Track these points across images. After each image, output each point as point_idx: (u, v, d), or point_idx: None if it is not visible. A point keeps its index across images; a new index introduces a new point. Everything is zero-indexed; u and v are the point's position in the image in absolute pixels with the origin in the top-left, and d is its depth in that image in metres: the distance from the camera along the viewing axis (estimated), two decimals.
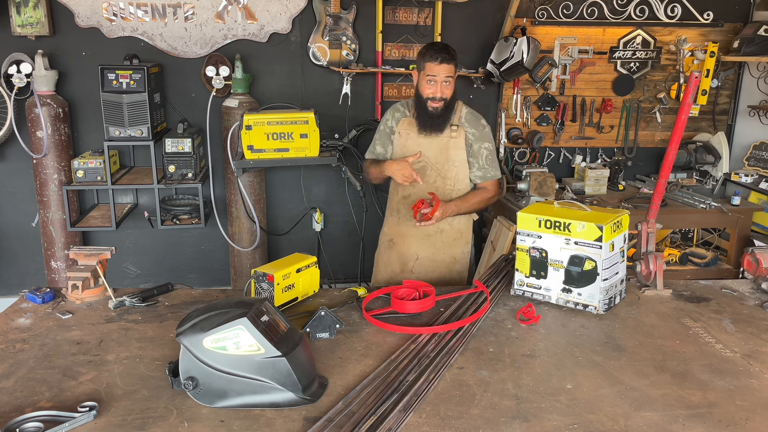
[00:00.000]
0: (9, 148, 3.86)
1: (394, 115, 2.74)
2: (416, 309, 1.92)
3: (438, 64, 2.51)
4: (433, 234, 2.69)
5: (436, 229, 2.68)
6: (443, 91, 2.54)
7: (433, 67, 2.51)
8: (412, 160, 2.53)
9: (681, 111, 1.95)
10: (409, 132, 2.66)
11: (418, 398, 1.43)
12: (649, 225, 2.14)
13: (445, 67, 2.51)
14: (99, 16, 3.74)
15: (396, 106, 2.76)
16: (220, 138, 3.88)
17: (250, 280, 1.94)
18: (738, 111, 4.40)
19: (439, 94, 2.54)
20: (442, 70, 2.51)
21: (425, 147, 2.62)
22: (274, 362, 1.41)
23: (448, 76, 2.53)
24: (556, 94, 4.23)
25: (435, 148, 2.63)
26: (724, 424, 1.38)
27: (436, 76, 2.51)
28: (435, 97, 2.54)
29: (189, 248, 4.25)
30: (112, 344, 1.71)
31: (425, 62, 2.54)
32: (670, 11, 4.14)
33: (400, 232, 2.74)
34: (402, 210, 2.72)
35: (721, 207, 3.76)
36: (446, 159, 2.63)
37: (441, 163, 2.64)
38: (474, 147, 2.64)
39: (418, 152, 2.58)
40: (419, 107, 2.60)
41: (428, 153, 2.63)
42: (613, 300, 1.96)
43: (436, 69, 2.51)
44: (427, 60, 2.53)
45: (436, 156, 2.64)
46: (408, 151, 2.64)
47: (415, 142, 2.65)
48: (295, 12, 3.86)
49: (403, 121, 2.70)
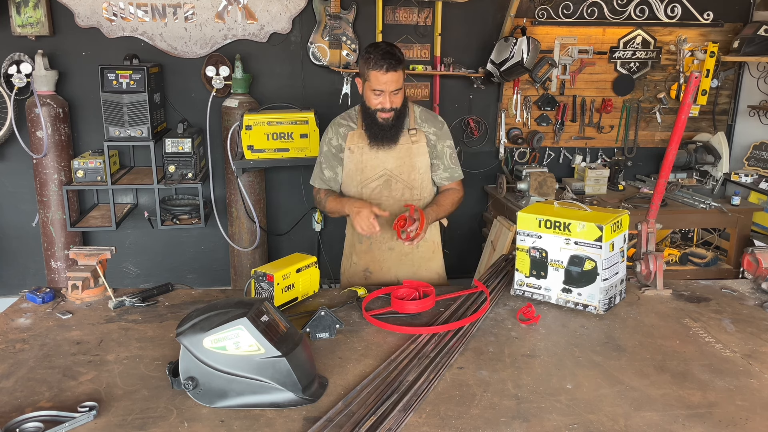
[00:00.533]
0: (9, 148, 3.86)
1: (338, 131, 2.41)
2: (416, 309, 1.92)
3: (384, 73, 2.17)
4: (409, 252, 2.46)
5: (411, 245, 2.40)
6: (393, 101, 2.24)
7: (379, 78, 2.18)
8: (377, 213, 2.20)
9: (681, 111, 1.95)
10: (362, 146, 2.35)
11: (418, 398, 1.43)
12: (649, 225, 2.14)
13: (392, 76, 2.18)
14: (99, 16, 3.74)
15: (337, 121, 2.44)
16: (220, 138, 3.88)
17: (250, 280, 1.94)
18: (738, 111, 4.40)
19: (388, 105, 2.24)
20: (390, 81, 2.19)
21: (384, 158, 2.35)
22: (274, 362, 1.41)
23: (396, 89, 2.22)
24: (556, 94, 4.23)
25: (396, 157, 2.35)
26: (724, 424, 1.38)
27: (384, 88, 2.21)
28: (384, 108, 2.25)
29: (189, 248, 4.25)
30: (112, 344, 1.71)
31: (369, 71, 2.20)
32: (670, 11, 4.14)
33: (374, 259, 2.46)
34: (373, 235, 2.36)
35: (721, 207, 3.76)
36: (411, 167, 2.37)
37: (406, 173, 2.37)
38: (438, 147, 2.40)
39: (386, 212, 2.23)
40: (367, 119, 2.31)
41: (389, 164, 2.36)
42: (613, 300, 1.96)
43: (383, 80, 2.18)
44: (371, 68, 2.19)
45: (399, 166, 2.36)
46: (366, 167, 2.36)
47: (372, 155, 2.35)
48: (295, 12, 3.86)
49: (352, 135, 2.37)
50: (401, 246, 2.42)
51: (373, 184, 2.39)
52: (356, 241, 2.50)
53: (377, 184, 2.38)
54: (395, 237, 2.35)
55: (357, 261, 2.50)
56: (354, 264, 2.51)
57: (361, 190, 2.40)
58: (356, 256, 2.51)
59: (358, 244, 2.49)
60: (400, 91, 2.26)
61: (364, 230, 2.19)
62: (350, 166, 2.40)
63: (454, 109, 4.21)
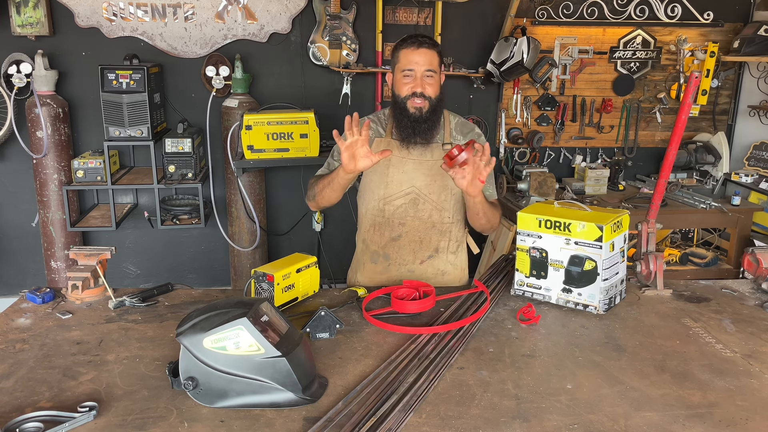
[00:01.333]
0: (9, 148, 3.86)
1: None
2: (416, 309, 1.92)
3: (416, 49, 2.01)
4: (432, 277, 2.22)
5: (436, 270, 2.23)
6: (426, 87, 2.03)
7: (410, 55, 2.01)
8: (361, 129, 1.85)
9: (681, 111, 1.95)
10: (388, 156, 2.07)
11: (418, 398, 1.43)
12: (649, 225, 2.14)
13: (425, 53, 2.00)
14: (99, 16, 3.74)
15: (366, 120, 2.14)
16: (220, 138, 3.88)
17: (250, 280, 1.93)
18: (738, 111, 4.40)
19: (419, 89, 2.02)
20: (422, 59, 2.00)
21: (412, 174, 2.13)
22: (274, 362, 1.41)
23: (429, 70, 2.02)
24: (556, 94, 4.23)
25: (426, 174, 2.13)
26: (724, 424, 1.38)
27: (414, 68, 2.01)
28: (416, 92, 2.03)
29: (189, 248, 4.25)
30: (112, 344, 1.70)
31: (399, 51, 2.04)
32: (670, 11, 4.14)
33: (389, 280, 2.23)
34: (392, 254, 2.21)
35: (721, 207, 3.76)
36: (442, 187, 2.14)
37: (436, 193, 2.15)
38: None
39: (388, 150, 1.95)
40: (397, 113, 2.09)
41: (418, 181, 2.13)
42: (613, 300, 1.96)
43: (414, 57, 2.01)
44: (401, 47, 2.04)
45: (428, 185, 2.14)
46: (392, 182, 2.12)
47: (399, 168, 2.13)
48: (295, 12, 3.86)
49: (378, 142, 2.14)
50: (423, 270, 2.22)
51: (397, 201, 2.16)
52: (369, 259, 2.25)
53: (402, 202, 2.15)
54: (417, 261, 2.20)
55: (363, 281, 2.26)
56: (359, 283, 2.27)
57: (383, 207, 2.17)
58: (363, 275, 2.27)
59: (371, 263, 2.25)
60: (435, 78, 2.05)
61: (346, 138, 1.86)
62: (372, 177, 2.16)
63: (454, 109, 4.14)
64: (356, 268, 2.35)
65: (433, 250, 2.25)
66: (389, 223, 2.20)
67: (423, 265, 2.26)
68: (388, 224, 2.21)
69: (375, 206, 2.21)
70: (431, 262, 2.27)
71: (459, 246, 2.31)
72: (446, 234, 2.23)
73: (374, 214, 2.23)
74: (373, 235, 2.25)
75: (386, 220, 2.21)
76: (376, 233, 2.24)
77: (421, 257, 2.25)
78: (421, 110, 2.06)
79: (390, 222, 2.20)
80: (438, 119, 2.13)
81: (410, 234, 2.20)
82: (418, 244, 2.23)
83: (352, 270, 2.38)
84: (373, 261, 2.27)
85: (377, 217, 2.22)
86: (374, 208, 2.22)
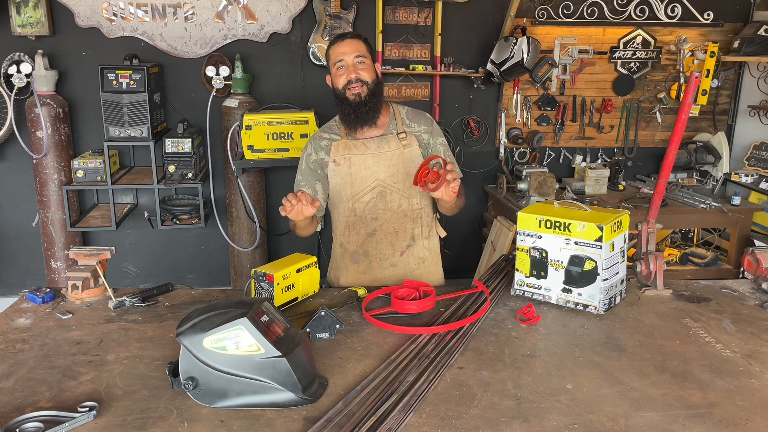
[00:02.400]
0: (9, 148, 3.86)
1: (319, 144, 2.24)
2: (416, 309, 1.92)
3: (341, 41, 2.12)
4: (415, 267, 2.30)
5: (416, 259, 2.29)
6: (359, 72, 2.11)
7: (338, 48, 2.12)
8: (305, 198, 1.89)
9: (681, 111, 1.95)
10: (348, 156, 2.18)
11: (418, 398, 1.43)
12: (649, 225, 2.14)
13: (351, 42, 2.11)
14: (99, 16, 3.74)
15: (317, 135, 2.28)
16: (220, 138, 3.88)
17: (250, 280, 1.93)
18: (738, 111, 4.40)
19: (353, 75, 2.11)
20: (349, 48, 2.11)
21: (374, 168, 2.18)
22: (274, 362, 1.41)
23: (359, 56, 2.11)
24: (556, 94, 4.23)
25: (388, 165, 2.19)
26: (725, 424, 1.38)
27: (344, 58, 2.11)
28: (351, 79, 2.11)
29: (189, 248, 4.25)
30: (112, 344, 1.70)
31: (329, 50, 2.16)
32: (670, 11, 4.14)
33: (375, 279, 2.27)
34: (371, 251, 2.25)
35: (721, 207, 3.76)
36: (406, 175, 2.20)
37: (401, 182, 2.20)
38: (431, 145, 2.25)
39: (316, 201, 1.93)
40: (340, 106, 2.17)
41: (381, 174, 2.19)
42: (613, 300, 1.96)
43: (342, 48, 2.11)
44: (330, 47, 2.16)
45: (392, 175, 2.19)
46: (356, 180, 2.18)
47: (361, 165, 2.18)
48: (295, 12, 3.86)
49: (336, 146, 2.20)
50: (405, 262, 2.27)
51: (366, 197, 2.21)
52: (350, 261, 2.29)
53: (370, 197, 2.21)
54: (397, 253, 2.25)
55: (348, 283, 2.29)
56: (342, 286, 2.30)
57: (353, 206, 2.23)
58: (347, 279, 2.31)
59: (352, 264, 2.29)
60: (367, 62, 2.13)
61: (286, 209, 1.89)
62: (337, 180, 2.21)
63: (454, 109, 4.21)
64: (338, 276, 2.36)
65: (410, 239, 2.28)
66: (362, 220, 2.24)
67: (404, 257, 2.28)
68: (362, 221, 2.24)
69: (345, 207, 2.25)
70: (411, 252, 2.30)
71: (430, 231, 2.35)
72: (418, 220, 2.27)
73: (346, 215, 2.26)
74: (349, 235, 2.28)
75: (359, 218, 2.24)
76: (352, 233, 2.27)
77: (400, 248, 2.28)
78: (360, 95, 2.13)
79: (363, 219, 2.24)
80: (378, 103, 2.18)
81: (384, 227, 2.24)
82: (394, 235, 2.26)
83: (333, 279, 2.39)
84: (354, 261, 2.30)
85: (349, 217, 2.25)
86: (345, 209, 2.25)
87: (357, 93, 2.12)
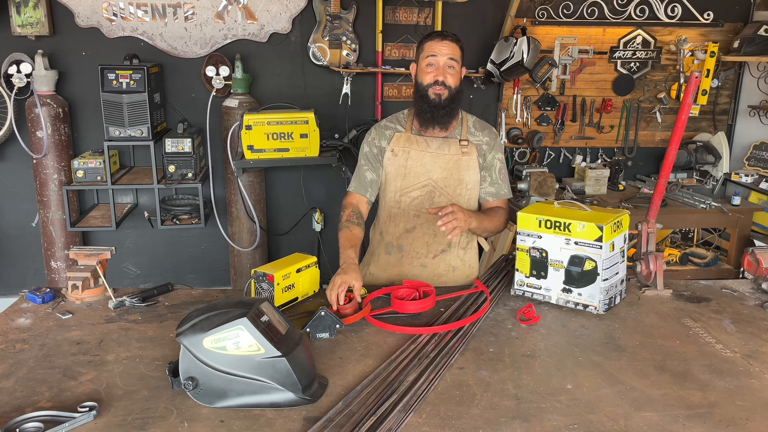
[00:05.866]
0: (9, 148, 3.86)
1: (383, 133, 2.27)
2: (416, 309, 1.92)
3: (440, 40, 2.14)
4: (443, 273, 2.31)
5: (447, 266, 2.31)
6: (446, 76, 2.14)
7: (435, 45, 2.13)
8: (353, 292, 1.90)
9: (681, 111, 1.95)
10: (407, 149, 2.22)
11: (418, 398, 1.43)
12: (649, 225, 2.14)
13: (449, 44, 2.13)
14: (99, 16, 3.74)
15: (383, 123, 2.31)
16: (220, 138, 3.88)
17: (250, 280, 1.94)
18: (738, 111, 4.40)
19: (441, 77, 2.13)
20: (446, 48, 2.13)
21: (430, 166, 2.21)
22: (274, 362, 1.41)
23: (451, 59, 2.14)
24: (556, 94, 4.23)
25: (443, 167, 2.21)
26: (725, 424, 1.38)
27: (437, 56, 2.13)
28: (438, 80, 2.13)
29: (189, 248, 4.25)
30: (112, 344, 1.71)
31: (424, 43, 2.18)
32: (670, 11, 4.14)
33: (402, 274, 2.29)
34: (405, 246, 2.28)
35: (721, 207, 3.76)
36: (458, 181, 2.21)
37: (452, 187, 2.21)
38: (488, 157, 2.26)
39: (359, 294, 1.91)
40: (418, 100, 2.18)
41: (435, 174, 2.21)
42: (613, 300, 1.96)
43: (438, 46, 2.13)
44: (427, 40, 2.17)
45: (445, 178, 2.21)
46: (409, 174, 2.21)
47: (417, 161, 2.21)
48: (295, 12, 3.86)
49: (398, 137, 2.24)
50: (435, 265, 2.29)
51: (414, 193, 2.24)
52: (383, 250, 2.33)
53: (419, 194, 2.23)
54: (430, 255, 2.26)
55: (381, 275, 2.33)
56: (371, 275, 2.35)
57: (400, 199, 2.25)
58: (376, 266, 2.34)
59: (385, 254, 2.32)
60: (456, 69, 2.16)
61: (330, 297, 1.89)
62: (390, 170, 2.24)
63: None
64: (369, 261, 2.40)
65: (446, 245, 2.30)
66: (405, 214, 2.27)
67: (435, 260, 2.30)
68: (404, 215, 2.27)
69: (392, 198, 2.28)
70: (443, 257, 2.32)
71: (469, 243, 2.37)
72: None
73: (391, 206, 2.29)
74: (388, 226, 2.31)
75: (402, 211, 2.27)
76: (392, 224, 2.30)
77: (434, 251, 2.30)
78: (441, 97, 2.15)
79: (405, 213, 2.26)
80: (456, 109, 2.20)
81: (424, 226, 2.26)
82: (431, 237, 2.28)
83: (365, 263, 2.42)
84: (387, 252, 2.33)
85: (393, 208, 2.29)
86: (391, 200, 2.28)
87: (438, 94, 2.14)
